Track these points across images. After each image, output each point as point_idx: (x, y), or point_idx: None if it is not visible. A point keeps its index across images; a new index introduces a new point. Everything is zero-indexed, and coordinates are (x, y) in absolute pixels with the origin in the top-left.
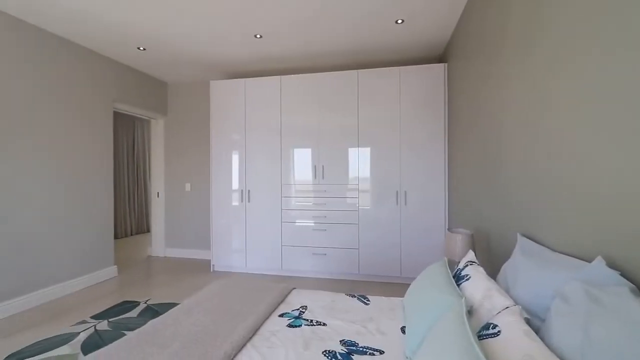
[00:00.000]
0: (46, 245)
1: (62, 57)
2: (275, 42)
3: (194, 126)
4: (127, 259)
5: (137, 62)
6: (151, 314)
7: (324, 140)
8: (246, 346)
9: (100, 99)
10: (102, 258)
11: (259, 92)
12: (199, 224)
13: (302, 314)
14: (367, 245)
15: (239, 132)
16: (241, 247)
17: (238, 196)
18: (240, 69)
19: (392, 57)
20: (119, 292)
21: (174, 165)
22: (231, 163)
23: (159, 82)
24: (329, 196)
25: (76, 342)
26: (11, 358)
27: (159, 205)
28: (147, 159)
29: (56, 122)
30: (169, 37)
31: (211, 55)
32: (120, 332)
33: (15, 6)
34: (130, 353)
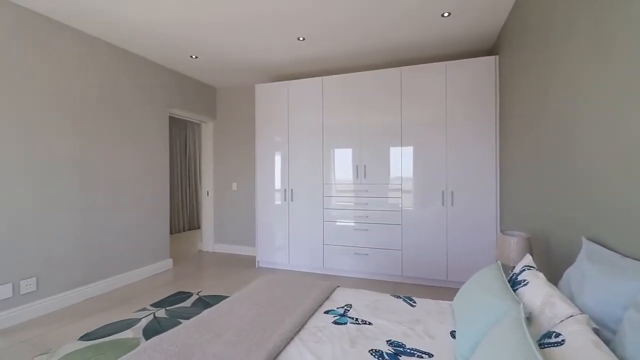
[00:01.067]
0: (112, 239)
1: (125, 68)
2: (317, 43)
3: (240, 128)
4: (180, 253)
5: (190, 69)
6: (203, 304)
7: (365, 140)
8: (294, 339)
9: (157, 105)
10: (160, 251)
11: (302, 94)
12: (244, 221)
13: (347, 312)
14: (410, 246)
15: (282, 133)
16: (284, 245)
17: (281, 195)
18: (283, 72)
19: (436, 52)
20: (174, 283)
21: (222, 165)
22: (275, 163)
23: (209, 88)
24: (370, 196)
25: (138, 327)
26: (85, 337)
27: (208, 203)
28: (197, 159)
29: (119, 129)
30: (218, 46)
31: (257, 60)
32: (176, 320)
33: (90, 24)
34: (190, 338)
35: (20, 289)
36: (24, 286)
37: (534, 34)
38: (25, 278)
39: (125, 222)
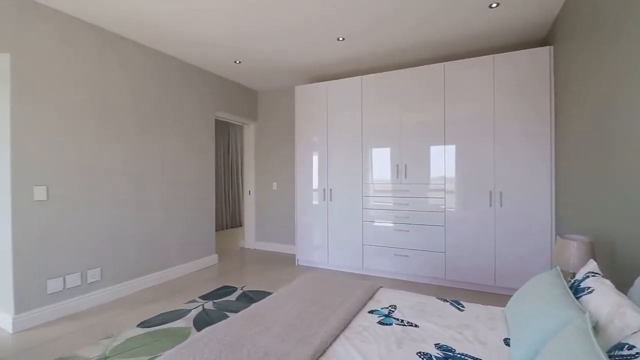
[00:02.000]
0: (165, 235)
1: (179, 76)
2: (357, 42)
3: (280, 129)
4: (224, 249)
5: (233, 74)
6: (247, 299)
7: (406, 139)
8: (340, 337)
9: (205, 109)
10: (206, 247)
11: (340, 94)
12: (284, 220)
13: (392, 313)
14: (454, 249)
15: (321, 134)
16: (323, 244)
17: (320, 195)
18: (322, 73)
19: (481, 44)
20: (220, 278)
21: (263, 165)
22: (314, 163)
23: (251, 91)
24: (411, 196)
25: (189, 318)
26: (143, 324)
27: (250, 202)
28: (239, 160)
29: (173, 132)
30: (260, 51)
31: (296, 62)
32: (223, 312)
33: (147, 38)
34: (240, 330)
35: (88, 278)
36: (90, 275)
37: (602, 21)
38: (91, 268)
39: (176, 219)
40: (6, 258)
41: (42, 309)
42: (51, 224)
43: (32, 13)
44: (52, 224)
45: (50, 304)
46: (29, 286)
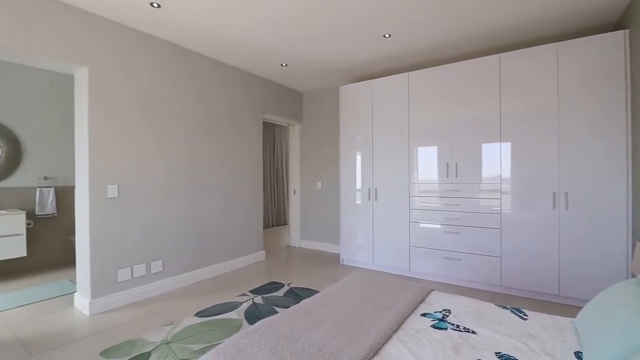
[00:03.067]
0: (217, 232)
1: (232, 81)
2: (404, 38)
3: (325, 130)
4: (270, 247)
5: (279, 76)
6: (293, 295)
7: (456, 137)
8: (392, 338)
9: (254, 111)
10: (254, 244)
11: (386, 92)
12: (328, 219)
13: (446, 317)
14: (511, 253)
15: (366, 133)
16: (368, 244)
17: (364, 195)
18: (367, 71)
19: (542, 33)
20: (267, 274)
21: (307, 165)
22: (358, 163)
23: (296, 93)
24: (463, 196)
25: (240, 310)
26: (199, 314)
27: (295, 201)
28: (284, 160)
29: (224, 135)
30: (305, 53)
31: (340, 62)
32: (271, 306)
33: (204, 47)
34: (294, 324)
35: (151, 269)
36: (154, 266)
37: None
38: (155, 260)
39: (229, 217)
40: (85, 248)
41: (113, 296)
42: (121, 218)
43: (107, 29)
44: (122, 219)
45: (120, 291)
46: (102, 274)
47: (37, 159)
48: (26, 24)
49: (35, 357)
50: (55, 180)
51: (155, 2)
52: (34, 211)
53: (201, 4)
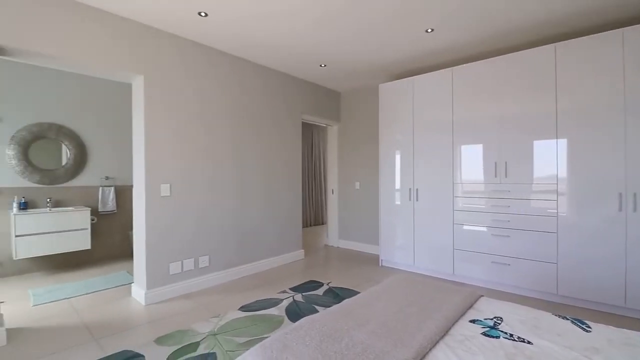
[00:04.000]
0: (259, 230)
1: (273, 84)
2: (448, 31)
3: (363, 129)
4: (309, 246)
5: (318, 77)
6: (333, 295)
7: (506, 134)
8: (439, 343)
9: (294, 112)
10: (294, 243)
11: (428, 89)
12: (367, 219)
13: (498, 325)
14: (569, 259)
15: (406, 132)
16: (409, 246)
17: (404, 195)
18: (407, 69)
19: (598, 19)
20: (306, 272)
21: (345, 165)
22: (398, 162)
23: (334, 93)
24: (513, 197)
25: (281, 307)
26: (243, 308)
27: (333, 201)
28: (322, 159)
29: (266, 136)
30: (344, 53)
31: (380, 60)
32: (311, 305)
33: (254, 54)
34: (337, 322)
35: (199, 264)
36: (201, 261)
37: None
38: (202, 255)
39: (270, 216)
40: (141, 243)
41: (165, 287)
42: (173, 215)
43: (159, 39)
44: (174, 216)
45: (172, 283)
46: (156, 267)
47: (100, 161)
48: (91, 39)
49: (99, 340)
50: (115, 180)
51: (203, 11)
52: (97, 208)
53: (245, 12)
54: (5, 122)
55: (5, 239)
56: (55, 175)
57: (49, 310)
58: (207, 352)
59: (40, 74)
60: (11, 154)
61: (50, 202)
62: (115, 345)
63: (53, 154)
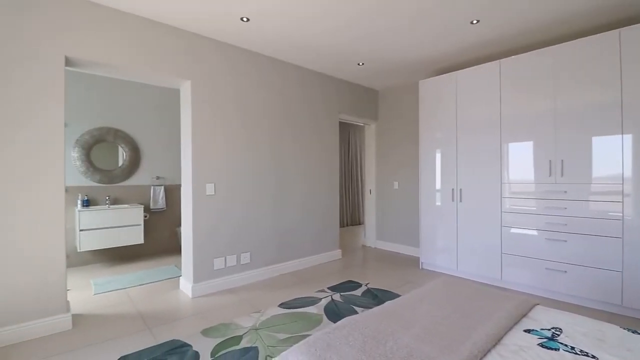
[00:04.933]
0: (297, 229)
1: (311, 84)
2: (494, 22)
3: (402, 127)
4: (346, 246)
5: (355, 76)
6: (371, 296)
7: (561, 130)
8: (491, 352)
9: (330, 113)
10: (331, 242)
11: (473, 83)
12: (405, 220)
13: (557, 336)
14: (636, 268)
15: (448, 129)
16: (451, 249)
17: (447, 195)
18: (447, 64)
19: None
20: (344, 272)
21: (384, 165)
22: (439, 162)
23: (371, 91)
24: (570, 198)
25: (320, 305)
26: (283, 305)
27: (370, 201)
28: (359, 159)
29: (304, 136)
30: (383, 50)
31: (420, 56)
32: (350, 305)
33: (293, 56)
34: (380, 324)
35: (241, 260)
36: (243, 258)
37: None
38: (243, 252)
39: (308, 215)
40: (188, 239)
41: (210, 282)
42: (216, 213)
43: (204, 45)
44: (217, 214)
45: (216, 278)
46: (202, 262)
47: (151, 162)
48: (144, 48)
49: (152, 329)
50: (165, 179)
51: (245, 16)
52: (149, 206)
53: (285, 14)
54: (70, 127)
55: (71, 233)
56: (113, 175)
57: (108, 299)
58: (250, 345)
59: (100, 82)
60: (76, 156)
61: (108, 200)
62: (166, 334)
63: (111, 155)
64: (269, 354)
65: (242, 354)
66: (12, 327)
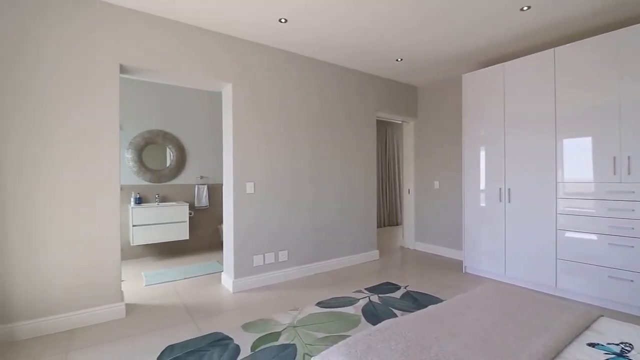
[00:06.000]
0: (334, 228)
1: (348, 82)
2: (550, 4)
3: (443, 124)
4: (383, 246)
5: (394, 72)
6: (411, 299)
7: (627, 122)
8: None
9: (366, 111)
10: (368, 242)
11: (523, 75)
12: (447, 221)
13: (627, 352)
14: None
15: (496, 125)
16: (499, 252)
17: (493, 196)
18: (493, 55)
19: None
20: (381, 273)
21: (423, 163)
22: (484, 160)
23: (410, 87)
24: (637, 199)
25: (358, 306)
26: (320, 304)
27: (409, 201)
28: (396, 158)
29: (341, 135)
30: (422, 44)
31: (463, 48)
32: (388, 307)
33: (331, 55)
34: (423, 329)
35: (279, 258)
36: (281, 255)
37: None
38: (281, 250)
39: (345, 214)
40: (229, 235)
41: (250, 278)
42: (256, 211)
43: (244, 48)
44: (256, 212)
45: (255, 274)
46: (242, 258)
47: (196, 162)
48: (188, 54)
49: (196, 321)
50: (208, 179)
51: (283, 17)
52: (194, 204)
53: (322, 13)
54: (124, 131)
55: (125, 228)
56: (161, 174)
57: (157, 291)
58: (288, 342)
59: (149, 88)
60: (129, 157)
61: (158, 198)
62: (209, 326)
63: (160, 156)
64: (307, 352)
65: (280, 351)
66: (75, 312)
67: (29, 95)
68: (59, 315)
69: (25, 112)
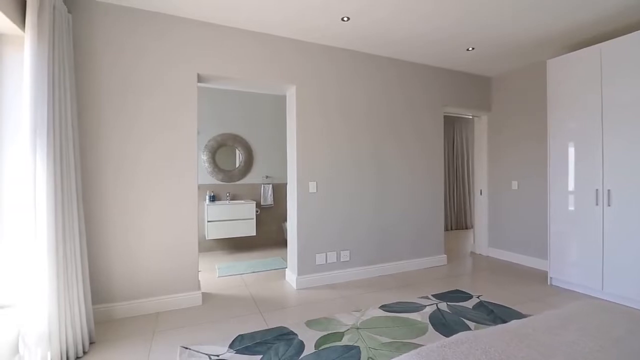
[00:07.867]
0: (398, 230)
1: (411, 77)
2: None
3: (522, 118)
4: (451, 251)
5: (463, 63)
6: (486, 310)
7: None
8: None
9: (432, 106)
10: (435, 246)
11: (625, 55)
12: (527, 226)
13: None
14: None
15: (591, 117)
16: (594, 264)
17: (587, 198)
18: (581, 38)
19: None
20: (450, 280)
21: (498, 162)
22: (575, 156)
23: (483, 79)
24: None
25: (424, 313)
26: (384, 308)
27: (481, 203)
28: (465, 157)
29: (406, 134)
30: (497, 28)
31: (547, 31)
32: (459, 317)
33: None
34: (507, 346)
35: (341, 257)
36: (342, 255)
37: None
38: (343, 250)
39: (409, 216)
40: (293, 233)
41: (312, 275)
42: (318, 210)
43: (307, 50)
44: (319, 211)
45: (317, 272)
46: (305, 256)
47: (262, 163)
48: (256, 60)
49: (263, 314)
50: (273, 178)
51: (345, 16)
52: (260, 202)
53: (383, 9)
54: (201, 135)
55: (201, 223)
56: (232, 174)
57: (229, 282)
58: (352, 344)
59: (220, 95)
60: (205, 159)
61: (229, 196)
62: (275, 320)
63: (230, 158)
64: (370, 356)
65: (344, 352)
66: (160, 297)
67: (126, 108)
68: (147, 299)
69: (122, 122)
